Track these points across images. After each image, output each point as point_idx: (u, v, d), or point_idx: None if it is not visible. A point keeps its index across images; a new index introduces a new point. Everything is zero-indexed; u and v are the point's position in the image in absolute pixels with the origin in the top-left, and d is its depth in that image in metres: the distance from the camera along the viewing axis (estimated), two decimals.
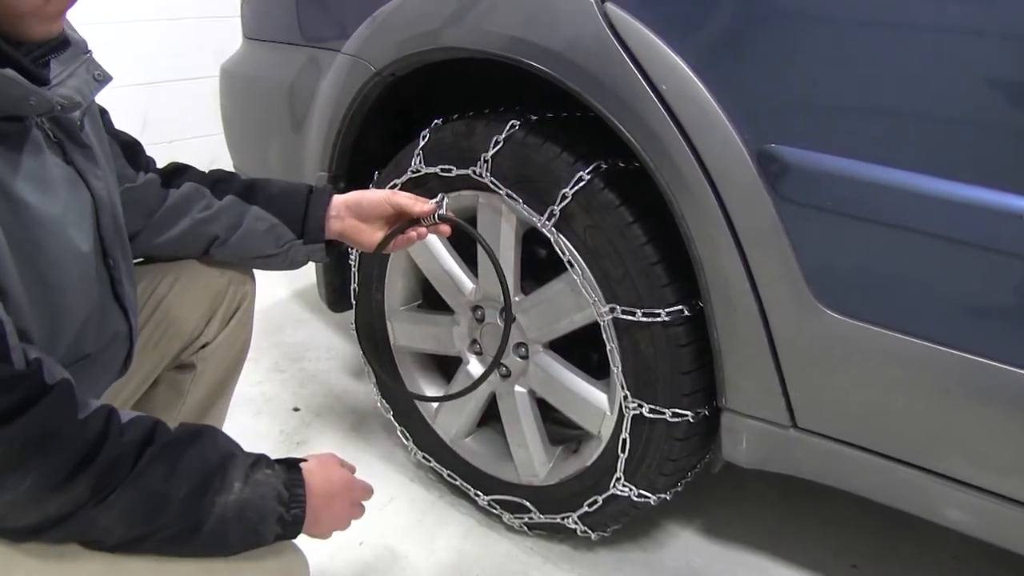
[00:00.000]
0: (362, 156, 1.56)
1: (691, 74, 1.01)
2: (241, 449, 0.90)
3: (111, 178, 1.00)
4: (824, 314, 1.01)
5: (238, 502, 0.84)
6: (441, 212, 1.17)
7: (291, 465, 0.92)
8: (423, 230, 1.19)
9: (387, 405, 1.66)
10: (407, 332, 1.58)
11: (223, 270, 1.24)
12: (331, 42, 1.51)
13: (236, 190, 1.19)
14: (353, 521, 1.01)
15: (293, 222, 1.18)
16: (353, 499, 1.00)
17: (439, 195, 1.19)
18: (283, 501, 0.87)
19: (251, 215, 1.18)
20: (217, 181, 1.20)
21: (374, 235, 1.20)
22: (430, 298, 1.59)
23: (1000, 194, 0.87)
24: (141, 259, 1.19)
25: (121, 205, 1.03)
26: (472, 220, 1.37)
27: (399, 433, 1.66)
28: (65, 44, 0.88)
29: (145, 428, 0.84)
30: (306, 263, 1.23)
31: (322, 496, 0.93)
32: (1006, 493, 0.98)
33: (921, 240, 0.92)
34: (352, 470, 1.03)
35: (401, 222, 1.19)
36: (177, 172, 1.18)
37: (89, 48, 0.92)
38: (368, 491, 1.04)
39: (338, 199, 1.20)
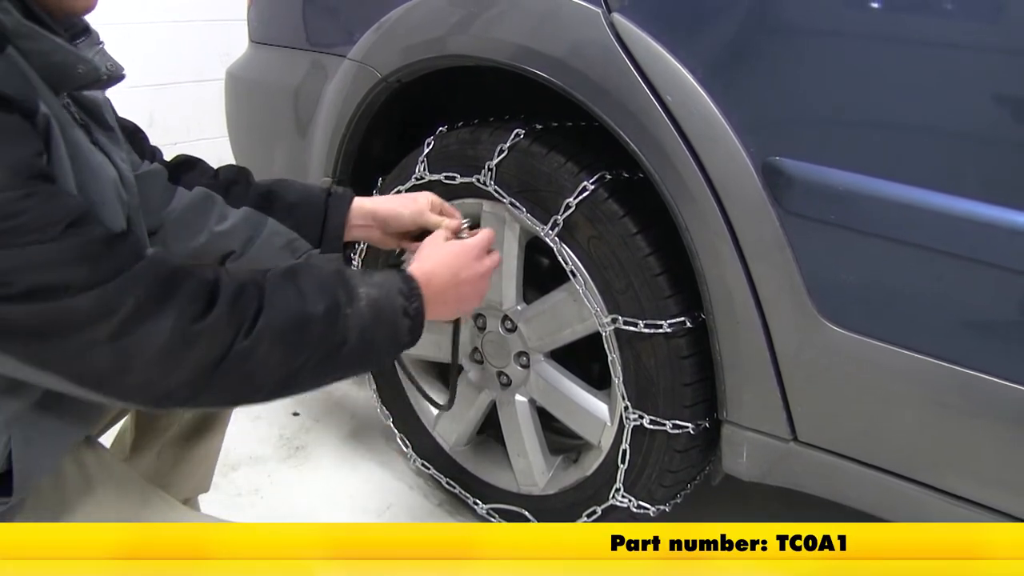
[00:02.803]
0: (367, 162, 1.56)
1: (697, 86, 1.01)
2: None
3: (129, 162, 1.00)
4: (826, 328, 1.01)
5: (370, 303, 0.85)
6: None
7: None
8: None
9: (387, 411, 1.66)
10: None
11: None
12: (337, 47, 1.51)
13: (252, 200, 1.15)
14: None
15: (311, 232, 1.15)
16: (469, 261, 1.00)
17: (466, 220, 1.16)
18: (404, 294, 0.89)
19: (268, 229, 1.14)
20: (230, 184, 1.16)
21: (394, 242, 1.18)
22: None
23: (1003, 210, 0.87)
24: None
25: None
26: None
27: (398, 440, 1.65)
28: (88, 30, 0.90)
29: (245, 272, 0.84)
30: None
31: (442, 276, 0.96)
32: (1005, 509, 0.97)
33: (924, 255, 0.92)
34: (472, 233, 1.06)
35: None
36: (185, 166, 1.16)
37: (102, 40, 0.92)
38: (478, 246, 1.02)
39: (361, 208, 1.16)
